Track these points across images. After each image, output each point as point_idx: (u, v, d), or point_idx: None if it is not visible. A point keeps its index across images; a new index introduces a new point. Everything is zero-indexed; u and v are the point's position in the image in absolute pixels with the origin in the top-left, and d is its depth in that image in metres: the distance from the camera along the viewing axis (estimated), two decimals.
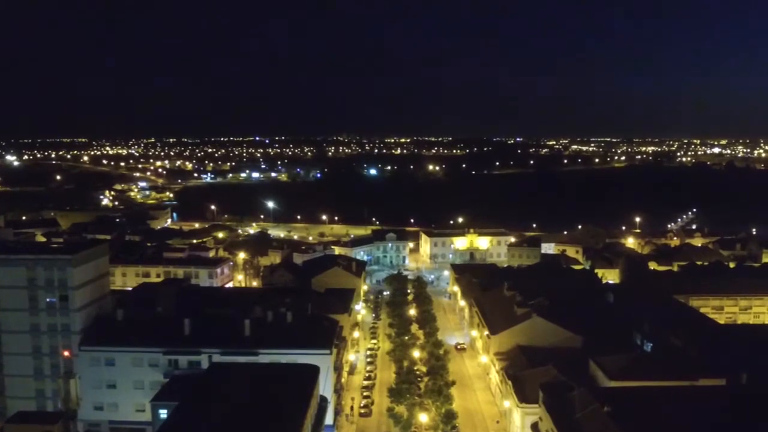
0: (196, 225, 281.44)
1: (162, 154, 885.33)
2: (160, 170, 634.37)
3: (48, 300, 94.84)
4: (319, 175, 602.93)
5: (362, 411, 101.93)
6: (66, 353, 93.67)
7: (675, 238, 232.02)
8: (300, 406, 67.12)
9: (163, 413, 74.32)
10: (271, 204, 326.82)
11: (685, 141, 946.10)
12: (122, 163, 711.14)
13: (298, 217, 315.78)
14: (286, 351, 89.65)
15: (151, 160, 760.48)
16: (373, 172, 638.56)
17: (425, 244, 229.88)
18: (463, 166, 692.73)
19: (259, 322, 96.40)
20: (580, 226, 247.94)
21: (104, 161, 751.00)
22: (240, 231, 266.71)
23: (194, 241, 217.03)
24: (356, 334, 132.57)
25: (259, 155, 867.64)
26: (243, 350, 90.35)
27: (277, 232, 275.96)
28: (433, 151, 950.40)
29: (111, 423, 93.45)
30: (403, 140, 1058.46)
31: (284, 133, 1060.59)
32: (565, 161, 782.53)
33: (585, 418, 67.70)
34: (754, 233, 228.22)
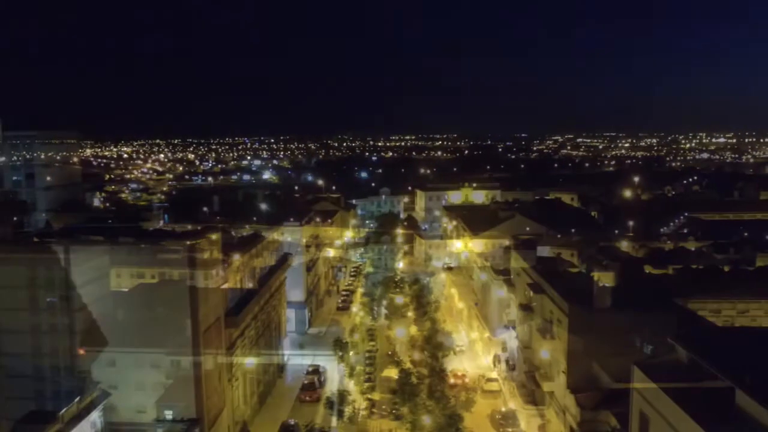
0: (189, 226, 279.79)
1: (152, 155, 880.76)
2: (150, 172, 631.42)
3: (48, 300, 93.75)
4: (310, 178, 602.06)
5: (363, 413, 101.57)
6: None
7: (668, 241, 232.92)
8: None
9: (169, 414, 73.66)
10: (263, 206, 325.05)
11: (674, 146, 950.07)
12: (112, 165, 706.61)
13: (291, 219, 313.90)
14: (291, 351, 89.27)
15: (141, 162, 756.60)
16: (364, 174, 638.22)
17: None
18: (454, 169, 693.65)
19: None
20: (573, 230, 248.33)
21: (94, 162, 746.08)
22: (234, 233, 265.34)
23: (188, 242, 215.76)
24: (355, 335, 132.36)
25: (249, 157, 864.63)
26: None
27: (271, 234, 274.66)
28: (424, 154, 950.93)
29: (111, 425, 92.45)
30: (394, 144, 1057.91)
31: (275, 135, 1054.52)
32: (556, 165, 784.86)
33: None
34: (746, 236, 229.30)
